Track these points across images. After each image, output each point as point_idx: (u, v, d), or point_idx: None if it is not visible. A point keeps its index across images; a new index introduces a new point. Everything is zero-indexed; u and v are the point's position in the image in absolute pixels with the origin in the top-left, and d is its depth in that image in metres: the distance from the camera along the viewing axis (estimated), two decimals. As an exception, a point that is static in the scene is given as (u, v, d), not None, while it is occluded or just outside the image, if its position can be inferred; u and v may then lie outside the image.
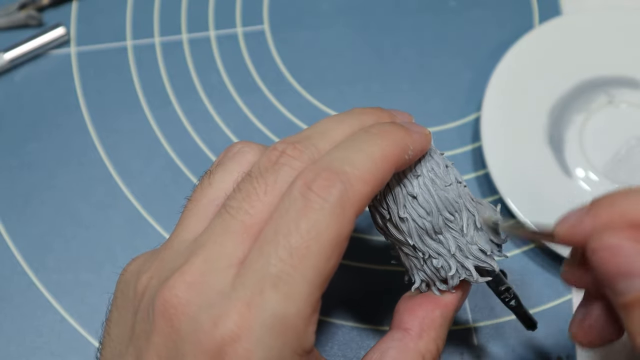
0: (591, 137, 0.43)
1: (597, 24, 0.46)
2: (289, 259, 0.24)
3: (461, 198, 0.29)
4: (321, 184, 0.25)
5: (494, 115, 0.43)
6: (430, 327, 0.30)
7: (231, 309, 0.24)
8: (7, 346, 0.38)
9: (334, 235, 0.24)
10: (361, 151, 0.26)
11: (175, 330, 0.24)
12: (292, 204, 0.25)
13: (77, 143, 0.43)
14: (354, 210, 0.25)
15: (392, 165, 0.27)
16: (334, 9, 0.48)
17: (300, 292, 0.24)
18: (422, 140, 0.29)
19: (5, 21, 0.46)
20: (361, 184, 0.25)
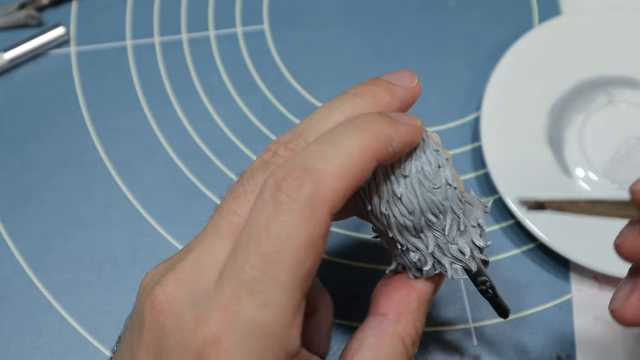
0: (591, 137, 0.43)
1: (597, 24, 0.46)
2: (261, 265, 0.23)
3: (448, 201, 0.28)
4: (290, 184, 0.24)
5: (494, 115, 0.43)
6: (407, 310, 0.29)
7: (212, 311, 0.24)
8: (7, 346, 0.38)
9: (306, 237, 0.24)
10: (338, 145, 0.25)
11: (161, 327, 0.25)
12: (263, 206, 0.24)
13: (77, 143, 0.43)
14: (327, 209, 0.24)
15: (372, 159, 0.25)
16: (334, 9, 0.48)
17: (276, 298, 0.23)
18: (410, 132, 0.27)
19: (5, 21, 0.46)
20: (335, 181, 0.24)
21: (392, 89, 0.29)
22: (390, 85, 0.29)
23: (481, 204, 0.30)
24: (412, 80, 0.30)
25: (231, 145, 0.44)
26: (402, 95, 0.29)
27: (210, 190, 0.42)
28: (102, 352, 0.38)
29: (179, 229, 0.41)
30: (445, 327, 0.39)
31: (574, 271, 0.40)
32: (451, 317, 0.39)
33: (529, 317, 0.39)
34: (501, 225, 0.42)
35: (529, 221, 0.40)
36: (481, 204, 0.30)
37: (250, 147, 0.43)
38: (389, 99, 0.28)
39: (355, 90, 0.29)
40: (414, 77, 0.30)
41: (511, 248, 0.41)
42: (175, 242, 0.41)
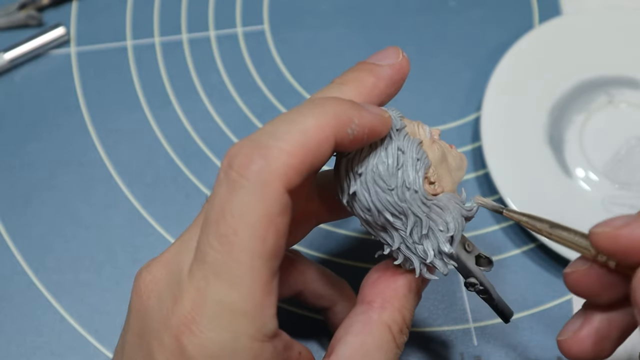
0: (591, 137, 0.43)
1: (597, 24, 0.46)
2: (220, 247, 0.23)
3: (405, 202, 0.27)
4: (240, 161, 0.24)
5: (494, 115, 0.43)
6: (393, 297, 0.29)
7: (185, 292, 0.24)
8: (7, 346, 0.38)
9: (261, 214, 0.23)
10: (292, 122, 0.24)
11: (144, 307, 0.25)
12: (218, 186, 0.24)
13: (77, 143, 0.43)
14: (280, 185, 0.23)
15: (328, 136, 0.25)
16: (334, 9, 0.48)
17: (241, 277, 0.23)
18: (373, 118, 0.26)
19: (5, 21, 0.46)
20: (285, 157, 0.24)
21: (376, 71, 0.29)
22: (375, 67, 0.29)
23: (459, 208, 0.29)
24: (397, 55, 0.30)
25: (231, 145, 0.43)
26: (388, 74, 0.29)
27: (210, 190, 0.42)
28: (102, 352, 0.38)
29: (179, 229, 0.41)
30: (445, 327, 0.39)
31: (574, 271, 0.40)
32: (451, 317, 0.39)
33: (529, 317, 0.39)
34: (501, 225, 0.42)
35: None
36: (459, 208, 0.29)
37: (250, 147, 0.43)
38: (374, 80, 0.28)
39: (341, 79, 0.29)
40: (398, 52, 0.30)
41: (511, 248, 0.41)
42: (175, 242, 0.41)
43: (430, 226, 0.28)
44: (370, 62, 0.29)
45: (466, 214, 0.29)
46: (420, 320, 0.39)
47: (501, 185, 0.41)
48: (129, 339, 0.26)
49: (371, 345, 0.28)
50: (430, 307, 0.39)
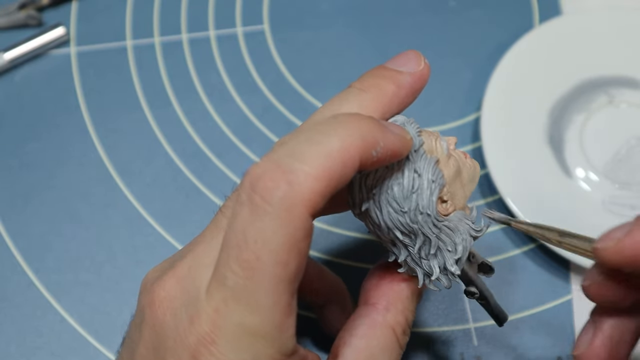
0: (591, 137, 0.43)
1: (597, 24, 0.46)
2: (242, 272, 0.23)
3: (417, 224, 0.27)
4: (265, 185, 0.23)
5: (494, 115, 0.43)
6: (396, 299, 0.29)
7: (203, 312, 0.24)
8: (7, 346, 0.38)
9: (284, 240, 0.23)
10: (317, 143, 0.23)
11: (160, 323, 0.25)
12: (240, 208, 0.23)
13: (77, 143, 0.43)
14: (305, 210, 0.23)
15: (353, 159, 0.24)
16: (334, 9, 0.48)
17: (262, 302, 0.23)
18: (397, 141, 0.25)
19: (5, 21, 0.46)
20: (312, 181, 0.23)
21: (397, 79, 0.28)
22: (396, 74, 0.28)
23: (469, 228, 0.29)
24: (419, 62, 0.29)
25: (231, 145, 0.44)
26: (409, 82, 0.28)
27: (210, 190, 0.42)
28: (102, 352, 0.38)
29: (179, 229, 0.41)
30: (445, 327, 0.39)
31: (574, 271, 0.40)
32: (451, 317, 0.39)
33: (529, 317, 0.39)
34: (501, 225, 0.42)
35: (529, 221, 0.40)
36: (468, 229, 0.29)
37: (250, 147, 0.43)
38: (395, 89, 0.28)
39: (361, 84, 0.28)
40: (420, 59, 0.29)
41: (511, 248, 0.41)
42: (175, 242, 0.41)
43: (439, 246, 0.28)
44: (390, 69, 0.28)
45: (475, 234, 0.29)
46: (421, 321, 0.39)
47: (501, 185, 0.41)
48: (141, 351, 0.26)
49: (376, 348, 0.28)
50: (431, 307, 0.39)
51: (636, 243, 0.24)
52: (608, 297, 0.27)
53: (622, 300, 0.27)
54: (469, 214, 0.29)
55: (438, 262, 0.28)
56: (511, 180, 0.41)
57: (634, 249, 0.25)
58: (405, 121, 0.28)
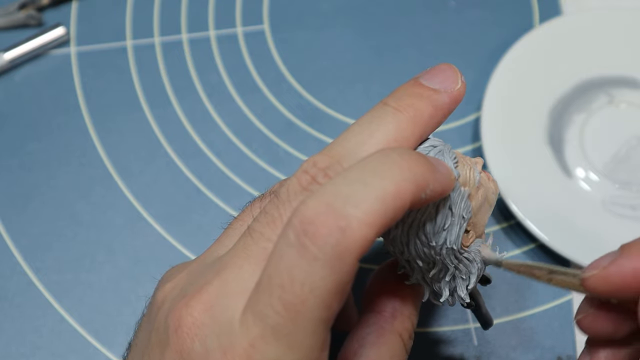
0: (591, 137, 0.43)
1: (597, 24, 0.46)
2: (285, 313, 0.22)
3: (439, 256, 0.27)
4: (317, 231, 0.22)
5: (494, 115, 0.43)
6: (402, 305, 0.29)
7: (237, 345, 0.23)
8: (7, 346, 0.38)
9: (331, 286, 0.22)
10: (371, 187, 0.23)
11: (187, 351, 0.24)
12: (287, 248, 0.23)
13: (77, 143, 0.43)
14: (355, 257, 0.22)
15: (405, 204, 0.23)
16: (334, 9, 0.48)
17: (302, 341, 0.23)
18: (445, 182, 0.25)
19: (5, 21, 0.46)
20: (365, 229, 0.22)
21: (435, 99, 0.27)
22: (433, 94, 0.27)
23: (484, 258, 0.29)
24: (456, 81, 0.28)
25: (231, 145, 0.44)
26: (447, 103, 0.27)
27: (210, 190, 0.42)
28: (102, 352, 0.38)
29: (179, 229, 0.41)
30: (445, 327, 0.39)
31: (574, 271, 0.40)
32: (451, 317, 0.39)
33: (529, 317, 0.39)
34: (501, 225, 0.42)
35: (529, 221, 0.40)
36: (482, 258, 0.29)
37: (250, 147, 0.43)
38: (432, 111, 0.27)
39: (397, 103, 0.27)
40: (457, 77, 0.28)
41: (511, 248, 0.41)
42: (175, 242, 0.41)
43: (454, 274, 0.28)
44: (427, 87, 0.27)
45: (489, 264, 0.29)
46: (421, 321, 0.39)
47: (501, 185, 0.41)
48: None
49: (386, 356, 0.28)
50: (431, 307, 0.39)
51: (621, 271, 0.24)
52: (601, 330, 0.27)
53: (615, 333, 0.27)
54: (484, 240, 0.29)
55: (449, 287, 0.29)
56: (511, 180, 0.41)
57: (619, 277, 0.24)
58: (443, 149, 0.27)
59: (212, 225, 0.41)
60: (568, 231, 0.40)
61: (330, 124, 0.44)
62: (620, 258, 0.24)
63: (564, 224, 0.40)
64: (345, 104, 0.45)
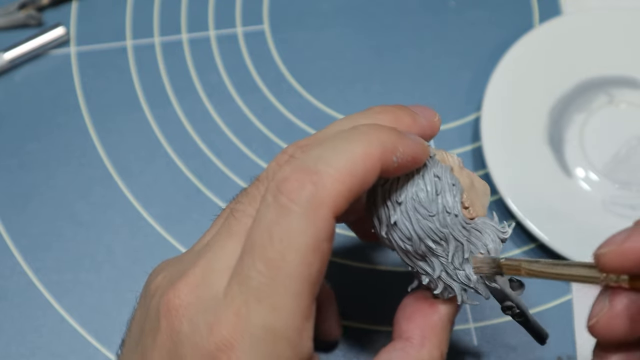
0: (591, 137, 0.43)
1: (597, 24, 0.46)
2: (267, 271, 0.23)
3: (447, 228, 0.28)
4: (291, 186, 0.24)
5: (494, 115, 0.43)
6: (431, 333, 0.29)
7: (222, 317, 0.24)
8: (7, 346, 0.38)
9: (309, 240, 0.23)
10: (341, 149, 0.25)
11: (176, 332, 0.25)
12: (265, 209, 0.24)
13: (77, 143, 0.43)
14: (329, 211, 0.24)
15: (375, 164, 0.25)
16: (334, 9, 0.48)
17: (285, 303, 0.23)
18: (415, 147, 0.27)
19: (5, 21, 0.46)
20: (335, 183, 0.24)
21: (414, 116, 0.29)
22: (413, 112, 0.29)
23: (495, 230, 0.29)
24: (434, 115, 0.30)
25: (231, 145, 0.44)
26: (423, 123, 0.29)
27: (210, 190, 0.42)
28: (102, 352, 0.38)
29: (179, 229, 0.41)
30: (445, 327, 0.39)
31: (574, 271, 0.40)
32: (451, 317, 0.39)
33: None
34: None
35: (529, 221, 0.40)
36: (495, 230, 0.29)
37: (250, 147, 0.43)
38: (410, 122, 0.28)
39: (379, 108, 0.29)
40: (435, 114, 0.30)
41: (511, 248, 0.41)
42: (175, 242, 0.41)
43: (471, 250, 0.28)
44: (408, 107, 0.30)
45: (502, 236, 0.29)
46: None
47: (501, 185, 0.41)
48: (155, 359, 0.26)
49: None
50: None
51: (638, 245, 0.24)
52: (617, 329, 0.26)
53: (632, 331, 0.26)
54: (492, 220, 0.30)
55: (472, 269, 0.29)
56: (511, 180, 0.41)
57: (635, 252, 0.24)
58: None
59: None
60: (568, 231, 0.40)
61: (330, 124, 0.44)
62: (636, 233, 0.24)
63: (564, 224, 0.40)
64: (345, 104, 0.45)
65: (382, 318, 0.39)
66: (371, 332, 0.39)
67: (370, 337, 0.39)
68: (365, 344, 0.38)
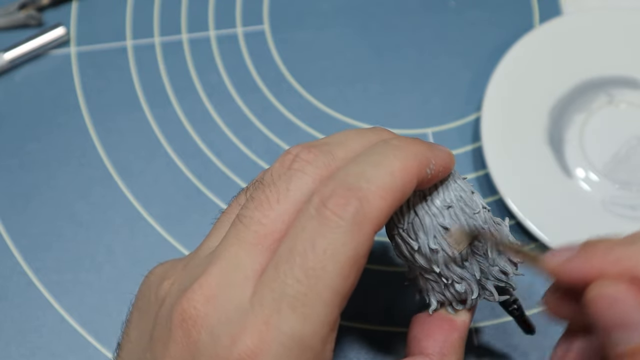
0: (591, 137, 0.43)
1: (597, 24, 0.46)
2: (305, 280, 0.24)
3: (487, 223, 0.29)
4: (337, 202, 0.24)
5: (494, 115, 0.43)
6: (450, 350, 0.30)
7: (249, 326, 0.24)
8: (7, 346, 0.38)
9: (351, 254, 0.24)
10: (379, 165, 0.25)
11: (193, 342, 0.24)
12: (307, 221, 0.24)
13: (77, 143, 0.43)
14: (371, 227, 0.25)
15: (412, 178, 0.26)
16: (334, 9, 0.48)
17: (318, 312, 0.24)
18: (444, 157, 0.28)
19: (5, 21, 0.46)
20: (378, 200, 0.25)
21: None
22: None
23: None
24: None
25: (231, 145, 0.44)
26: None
27: (210, 190, 0.42)
28: (102, 352, 0.38)
29: (179, 229, 0.41)
30: (445, 327, 0.39)
31: (574, 271, 0.40)
32: (451, 317, 0.39)
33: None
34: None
35: (529, 221, 0.40)
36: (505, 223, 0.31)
37: (250, 147, 0.43)
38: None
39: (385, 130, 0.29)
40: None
41: (511, 248, 0.41)
42: (175, 242, 0.41)
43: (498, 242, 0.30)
44: None
45: None
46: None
47: (501, 185, 0.41)
48: None
49: None
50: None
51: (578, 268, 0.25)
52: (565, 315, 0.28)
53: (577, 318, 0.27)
54: None
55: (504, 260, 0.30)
56: (511, 180, 0.41)
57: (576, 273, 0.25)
58: None
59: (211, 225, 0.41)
60: (568, 231, 0.40)
61: (330, 124, 0.44)
62: (579, 256, 0.25)
63: (564, 224, 0.40)
64: (345, 104, 0.45)
65: (381, 318, 0.39)
66: (371, 332, 0.39)
67: (370, 337, 0.38)
68: (366, 343, 0.38)
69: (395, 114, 0.45)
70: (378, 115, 0.45)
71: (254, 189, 0.27)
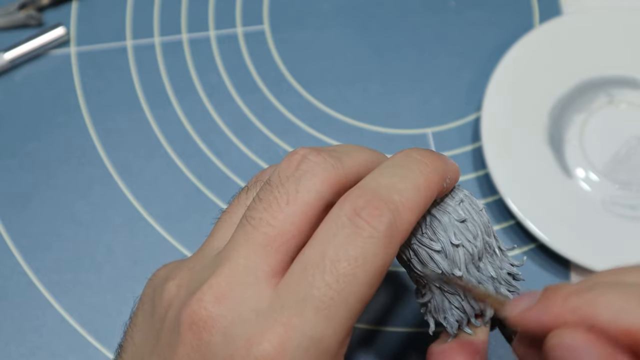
0: (591, 137, 0.43)
1: (597, 24, 0.46)
2: (335, 285, 0.24)
3: (490, 223, 0.30)
4: (371, 212, 0.25)
5: (494, 115, 0.43)
6: None
7: (268, 329, 0.24)
8: (7, 346, 0.38)
9: (379, 264, 0.24)
10: (406, 179, 0.26)
11: (205, 343, 0.24)
12: (340, 229, 0.25)
13: (77, 143, 0.43)
14: (400, 240, 0.25)
15: (434, 192, 0.27)
16: (334, 9, 0.48)
17: (340, 316, 0.24)
18: (455, 170, 0.29)
19: (5, 21, 0.46)
20: (408, 213, 0.25)
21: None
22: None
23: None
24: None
25: (231, 145, 0.44)
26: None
27: (210, 190, 0.42)
28: (101, 352, 0.38)
29: (179, 229, 0.41)
30: (445, 327, 0.39)
31: (574, 271, 0.40)
32: (451, 317, 0.39)
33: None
34: (501, 225, 0.42)
35: (529, 221, 0.40)
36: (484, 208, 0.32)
37: (250, 147, 0.43)
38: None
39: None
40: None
41: (511, 248, 0.41)
42: (175, 242, 0.41)
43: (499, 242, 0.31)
44: None
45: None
46: (420, 321, 0.39)
47: (501, 185, 0.41)
48: None
49: None
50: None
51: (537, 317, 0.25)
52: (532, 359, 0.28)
53: None
54: None
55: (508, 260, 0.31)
56: (511, 180, 0.41)
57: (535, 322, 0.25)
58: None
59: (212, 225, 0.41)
60: (568, 231, 0.40)
61: (330, 124, 0.44)
62: (539, 305, 0.26)
63: (564, 224, 0.40)
64: (345, 104, 0.45)
65: (381, 318, 0.39)
66: (371, 332, 0.39)
67: (370, 337, 0.38)
68: (366, 343, 0.38)
69: (395, 114, 0.45)
70: (378, 115, 0.45)
71: (261, 190, 0.26)
